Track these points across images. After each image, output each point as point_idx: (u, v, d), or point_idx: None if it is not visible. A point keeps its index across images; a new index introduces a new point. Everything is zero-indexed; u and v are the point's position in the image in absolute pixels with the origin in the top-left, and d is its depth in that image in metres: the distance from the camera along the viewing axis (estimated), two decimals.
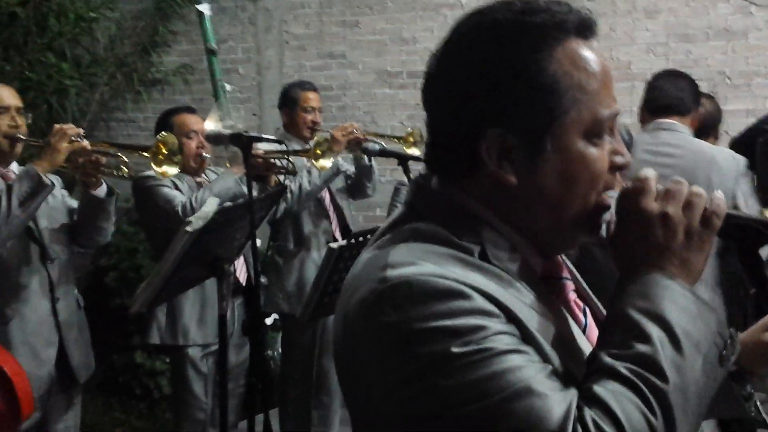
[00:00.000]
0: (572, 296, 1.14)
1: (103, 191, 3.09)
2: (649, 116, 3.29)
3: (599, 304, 1.20)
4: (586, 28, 1.05)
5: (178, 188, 3.43)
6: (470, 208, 1.05)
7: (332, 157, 3.78)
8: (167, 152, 3.13)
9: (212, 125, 3.43)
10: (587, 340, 1.09)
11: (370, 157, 3.92)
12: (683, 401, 0.90)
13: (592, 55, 1.04)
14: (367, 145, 3.72)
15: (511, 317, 0.96)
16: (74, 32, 5.65)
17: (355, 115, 5.75)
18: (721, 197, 1.02)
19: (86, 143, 2.99)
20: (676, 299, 0.96)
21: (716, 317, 0.98)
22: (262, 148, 3.60)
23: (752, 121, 4.28)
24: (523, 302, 1.00)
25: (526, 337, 0.96)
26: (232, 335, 3.29)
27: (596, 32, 1.07)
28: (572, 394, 0.91)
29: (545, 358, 0.96)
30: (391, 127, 5.61)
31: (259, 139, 3.12)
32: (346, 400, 1.07)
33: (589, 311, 1.16)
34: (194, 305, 3.42)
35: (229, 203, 3.11)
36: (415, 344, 0.92)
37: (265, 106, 6.17)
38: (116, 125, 6.64)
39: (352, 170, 4.15)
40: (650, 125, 3.25)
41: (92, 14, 5.69)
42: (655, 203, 1.01)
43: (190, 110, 3.71)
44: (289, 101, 4.19)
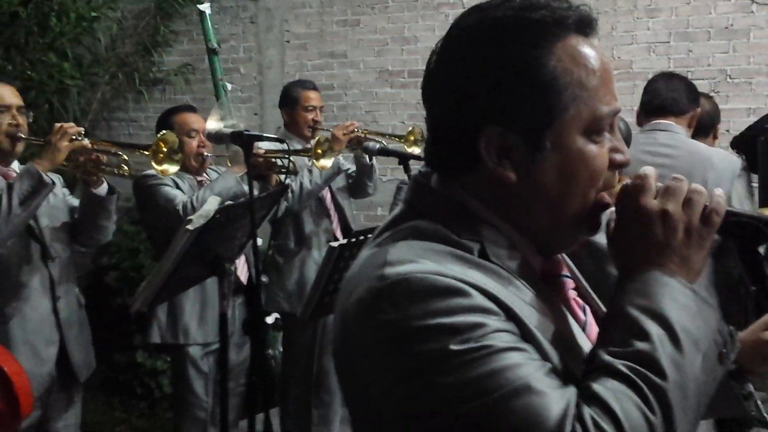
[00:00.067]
0: (572, 294, 1.13)
1: (104, 190, 3.09)
2: (645, 118, 3.31)
3: (599, 301, 1.20)
4: (586, 24, 1.04)
5: (179, 187, 3.43)
6: (470, 205, 1.05)
7: (333, 156, 3.78)
8: (167, 150, 3.13)
9: (213, 124, 3.43)
10: (587, 337, 1.08)
11: (370, 156, 3.91)
12: (682, 399, 0.90)
13: (592, 51, 1.03)
14: (367, 144, 3.71)
15: (510, 315, 0.96)
16: (75, 32, 5.65)
17: (356, 114, 5.74)
18: (720, 194, 1.02)
19: (87, 142, 2.99)
20: (675, 297, 0.96)
21: (716, 315, 0.98)
22: (263, 147, 3.60)
23: (753, 119, 4.28)
24: (522, 300, 1.00)
25: (525, 334, 0.96)
26: (232, 334, 3.28)
27: (596, 29, 1.06)
28: (571, 392, 0.91)
29: (544, 355, 0.95)
30: (392, 126, 5.61)
31: (260, 138, 3.11)
32: (345, 398, 1.07)
33: (588, 309, 1.15)
34: (195, 304, 3.42)
35: (230, 202, 3.11)
36: (413, 342, 0.92)
37: (266, 105, 6.17)
38: (117, 125, 6.64)
39: (353, 169, 4.15)
40: (646, 126, 3.27)
41: (93, 14, 5.69)
42: (654, 201, 1.00)
43: (191, 109, 3.71)
44: (289, 100, 4.18)
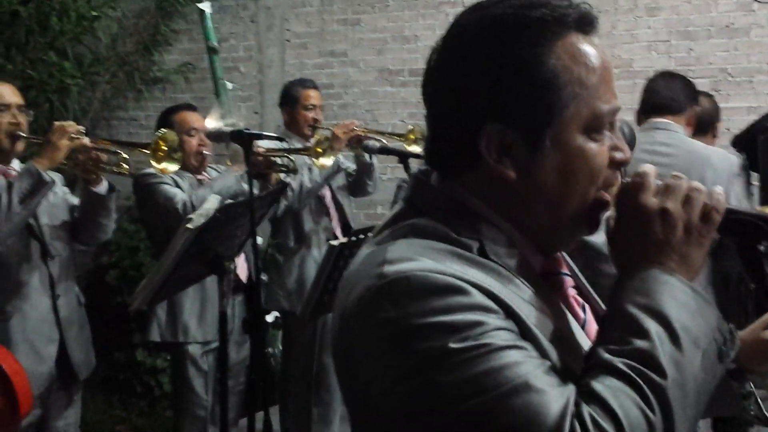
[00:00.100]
0: (571, 292, 1.13)
1: (103, 188, 3.09)
2: (644, 116, 3.32)
3: (599, 299, 1.20)
4: (586, 23, 1.04)
5: (178, 186, 3.43)
6: (470, 204, 1.05)
7: (333, 154, 3.78)
8: (167, 149, 3.13)
9: (213, 123, 3.43)
10: (586, 335, 1.08)
11: (370, 154, 3.91)
12: (682, 397, 0.90)
13: (592, 49, 1.03)
14: (367, 142, 3.71)
15: (509, 313, 0.95)
16: (76, 31, 5.64)
17: (356, 113, 5.74)
18: (720, 192, 1.01)
19: (86, 140, 2.99)
20: (675, 295, 0.95)
21: (716, 313, 0.98)
22: (263, 145, 3.60)
23: (754, 118, 4.27)
24: (521, 298, 0.99)
25: (524, 332, 0.95)
26: (232, 332, 3.29)
27: (597, 27, 1.06)
28: (570, 390, 0.91)
29: (544, 354, 0.95)
30: (392, 125, 5.61)
31: (259, 136, 3.12)
32: (344, 396, 1.06)
33: (588, 307, 1.15)
34: (194, 302, 3.42)
35: (229, 201, 3.11)
36: (413, 340, 0.92)
37: (266, 104, 6.17)
38: (118, 124, 6.64)
39: (352, 168, 4.15)
40: (645, 125, 3.27)
41: (94, 13, 5.68)
42: (654, 199, 1.00)
43: (191, 108, 3.71)
44: (289, 99, 4.18)
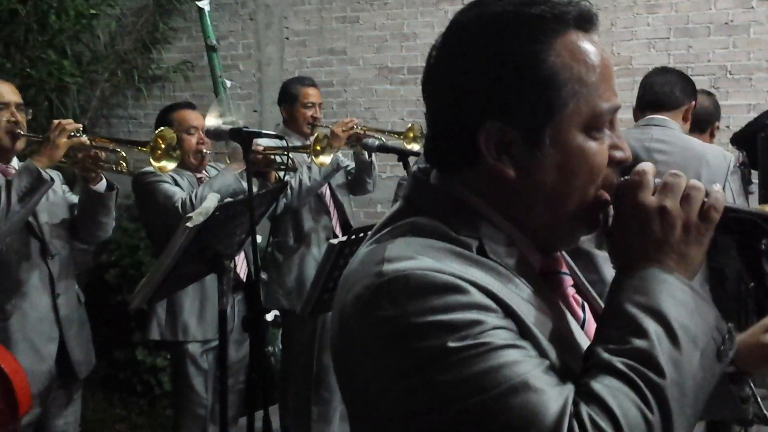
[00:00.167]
0: (571, 291, 1.13)
1: (102, 186, 3.08)
2: (640, 112, 3.30)
3: (598, 299, 1.19)
4: (586, 20, 1.04)
5: (178, 184, 3.42)
6: (469, 202, 1.05)
7: (332, 153, 3.77)
8: (165, 147, 3.12)
9: (212, 121, 3.43)
10: (585, 335, 1.08)
11: (370, 153, 3.90)
12: (680, 396, 0.90)
13: (592, 47, 1.03)
14: (366, 140, 3.70)
15: (508, 312, 0.95)
16: (75, 29, 5.64)
17: (355, 111, 5.74)
18: (719, 190, 1.01)
19: (85, 138, 2.98)
20: (673, 294, 0.95)
21: (714, 312, 0.97)
22: (261, 143, 3.60)
23: (753, 115, 4.27)
24: (520, 297, 0.99)
25: (523, 332, 0.95)
26: (232, 331, 3.29)
27: (597, 25, 1.05)
28: (569, 389, 0.91)
29: (542, 353, 0.95)
30: (391, 123, 5.61)
31: (258, 134, 3.11)
32: (343, 395, 1.06)
33: (587, 306, 1.15)
34: (194, 301, 3.41)
35: (229, 199, 3.11)
36: (411, 339, 0.91)
37: (265, 102, 6.17)
38: (117, 122, 6.64)
39: (352, 166, 4.14)
40: (641, 121, 3.26)
41: (92, 11, 5.67)
42: (652, 197, 1.00)
43: (190, 106, 3.71)
44: (288, 97, 4.17)
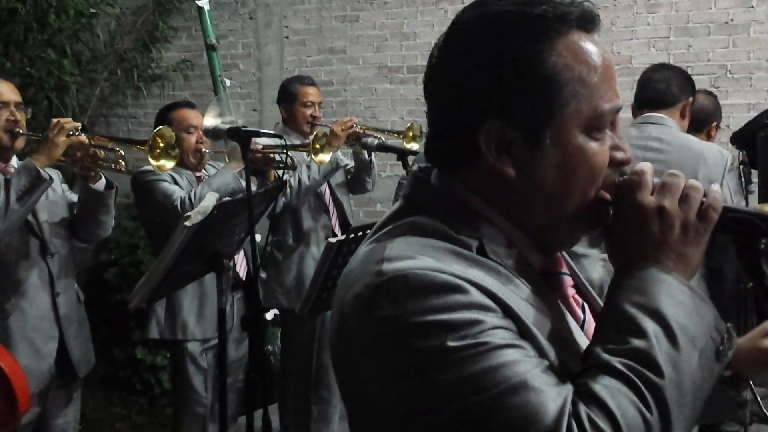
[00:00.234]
0: (570, 291, 1.13)
1: (101, 185, 3.08)
2: (637, 110, 3.29)
3: (598, 299, 1.19)
4: (588, 20, 1.04)
5: (177, 183, 3.42)
6: (469, 202, 1.05)
7: (331, 151, 3.77)
8: (164, 146, 3.12)
9: (211, 120, 3.43)
10: (585, 335, 1.08)
11: (369, 151, 3.90)
12: (679, 396, 0.90)
13: (593, 48, 1.03)
14: (366, 139, 3.70)
15: (508, 312, 0.95)
16: (74, 28, 5.63)
17: (355, 110, 5.74)
18: (718, 190, 1.01)
19: (84, 137, 2.98)
20: (672, 294, 0.95)
21: (713, 312, 0.97)
22: (260, 142, 3.59)
23: (753, 115, 4.27)
24: (520, 297, 0.99)
25: (522, 331, 0.95)
26: (231, 330, 3.29)
27: (599, 25, 1.05)
28: (568, 389, 0.91)
29: (542, 353, 0.95)
30: (391, 122, 5.61)
31: (257, 133, 3.11)
32: (342, 394, 1.06)
33: (587, 306, 1.15)
34: (193, 300, 3.41)
35: (228, 198, 3.11)
36: (411, 338, 0.91)
37: (265, 101, 6.17)
38: (116, 121, 6.63)
39: (351, 165, 4.14)
40: (638, 119, 3.25)
41: (92, 10, 5.67)
42: (651, 197, 1.00)
43: (189, 105, 3.70)
44: (288, 96, 4.17)
